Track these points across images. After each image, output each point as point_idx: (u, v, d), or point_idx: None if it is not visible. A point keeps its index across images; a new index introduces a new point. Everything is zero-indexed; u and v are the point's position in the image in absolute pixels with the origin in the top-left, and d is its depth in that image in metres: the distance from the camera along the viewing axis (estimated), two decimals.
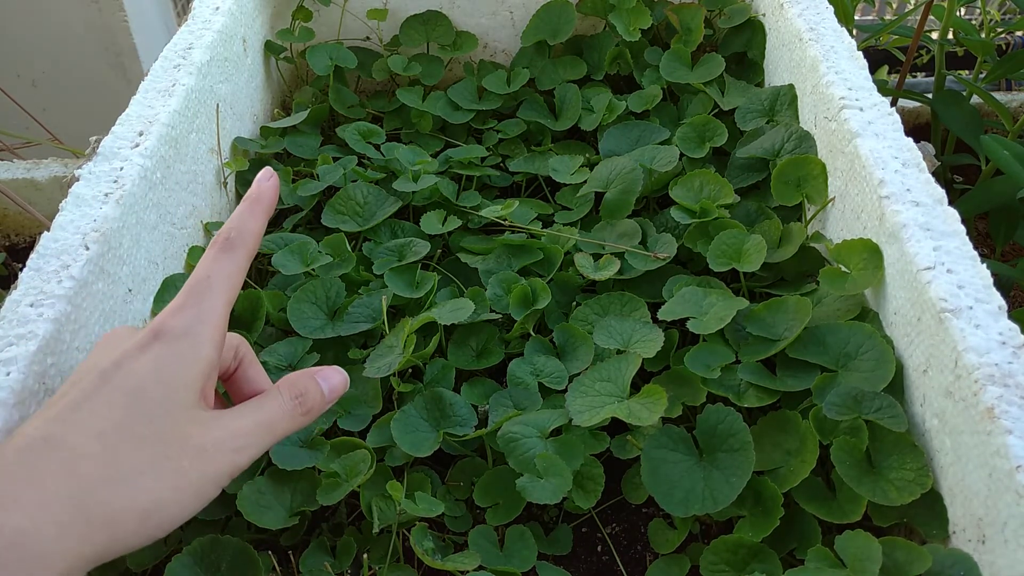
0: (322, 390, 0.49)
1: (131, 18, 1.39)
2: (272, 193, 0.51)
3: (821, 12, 0.78)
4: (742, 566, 0.49)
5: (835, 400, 0.52)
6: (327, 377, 0.50)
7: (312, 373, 0.49)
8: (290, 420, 0.47)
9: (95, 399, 0.41)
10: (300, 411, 0.47)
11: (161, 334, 0.44)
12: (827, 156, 0.68)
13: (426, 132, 0.88)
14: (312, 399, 0.48)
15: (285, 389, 0.48)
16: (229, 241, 0.47)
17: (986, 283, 0.51)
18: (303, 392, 0.48)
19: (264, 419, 0.46)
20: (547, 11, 0.93)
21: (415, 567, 0.52)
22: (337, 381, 0.50)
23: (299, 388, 0.48)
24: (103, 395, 0.41)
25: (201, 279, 0.46)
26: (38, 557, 0.36)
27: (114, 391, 0.42)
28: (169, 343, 0.44)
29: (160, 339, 0.44)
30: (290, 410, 0.47)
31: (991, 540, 0.44)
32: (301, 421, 0.48)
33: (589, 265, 0.66)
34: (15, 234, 0.99)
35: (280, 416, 0.46)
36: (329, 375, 0.50)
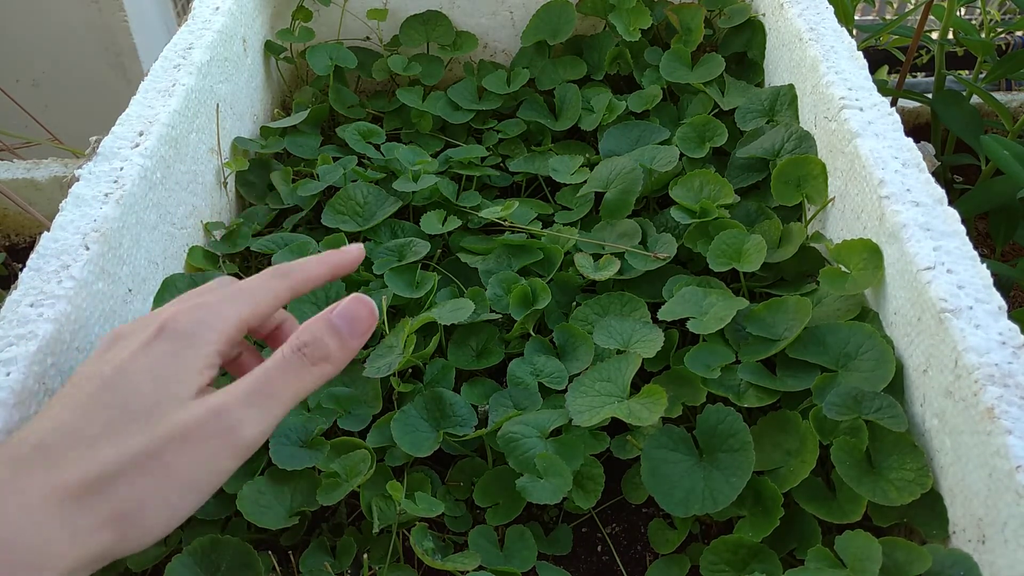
0: (338, 331, 0.42)
1: (131, 18, 1.39)
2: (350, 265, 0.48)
3: (821, 12, 0.78)
4: (742, 566, 0.49)
5: (835, 400, 0.52)
6: (343, 314, 0.42)
7: (324, 314, 0.42)
8: (296, 377, 0.40)
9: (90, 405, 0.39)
10: (307, 362, 0.41)
11: (166, 329, 0.41)
12: (827, 156, 0.68)
13: (426, 132, 0.88)
14: (323, 346, 0.41)
15: (288, 342, 0.41)
16: (284, 270, 0.45)
17: (986, 283, 0.51)
18: (310, 339, 0.41)
19: (259, 385, 0.40)
20: (547, 11, 0.93)
21: (415, 567, 0.52)
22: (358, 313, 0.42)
23: (304, 336, 0.41)
24: (100, 400, 0.39)
25: (235, 289, 0.44)
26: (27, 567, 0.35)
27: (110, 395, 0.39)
28: (171, 340, 0.41)
29: (163, 335, 0.41)
30: (292, 365, 0.41)
31: (991, 540, 0.44)
32: (313, 374, 0.41)
33: (589, 265, 0.66)
34: (15, 234, 0.99)
35: (280, 376, 0.40)
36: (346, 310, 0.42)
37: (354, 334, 0.42)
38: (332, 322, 0.42)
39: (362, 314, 0.42)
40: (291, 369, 0.40)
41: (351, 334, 0.42)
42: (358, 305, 0.42)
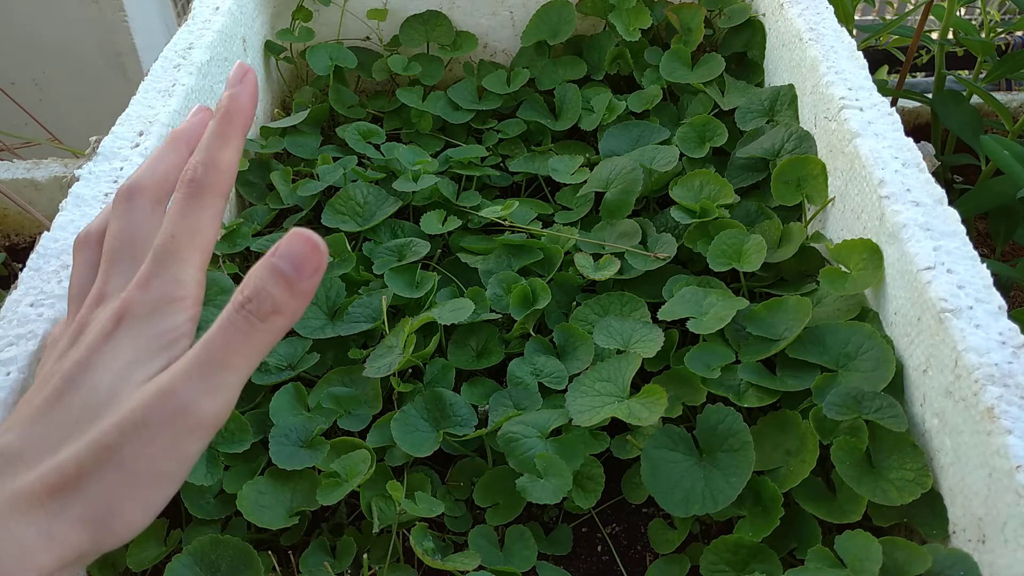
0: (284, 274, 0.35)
1: (131, 18, 1.39)
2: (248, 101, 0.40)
3: (821, 12, 0.78)
4: (742, 566, 0.49)
5: (835, 400, 0.52)
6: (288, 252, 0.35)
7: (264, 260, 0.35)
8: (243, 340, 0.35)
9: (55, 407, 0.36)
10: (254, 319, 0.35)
11: (125, 316, 0.37)
12: (827, 156, 0.68)
13: (426, 132, 0.88)
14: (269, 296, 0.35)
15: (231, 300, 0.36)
16: (195, 183, 0.38)
17: (986, 283, 0.51)
18: (251, 293, 0.35)
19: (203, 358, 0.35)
20: (547, 11, 0.93)
21: (415, 567, 0.52)
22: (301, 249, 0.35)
23: (246, 291, 0.35)
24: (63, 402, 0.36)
25: (166, 240, 0.38)
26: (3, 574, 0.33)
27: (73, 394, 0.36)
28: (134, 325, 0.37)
29: (123, 325, 0.37)
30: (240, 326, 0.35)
31: (991, 540, 0.44)
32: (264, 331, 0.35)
33: (589, 265, 0.66)
34: (15, 234, 0.99)
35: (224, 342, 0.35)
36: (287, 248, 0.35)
37: (303, 275, 0.35)
38: (276, 266, 0.35)
39: (306, 250, 0.35)
40: (237, 331, 0.35)
41: (299, 275, 0.35)
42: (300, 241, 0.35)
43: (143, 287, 0.38)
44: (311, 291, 0.35)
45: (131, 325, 0.37)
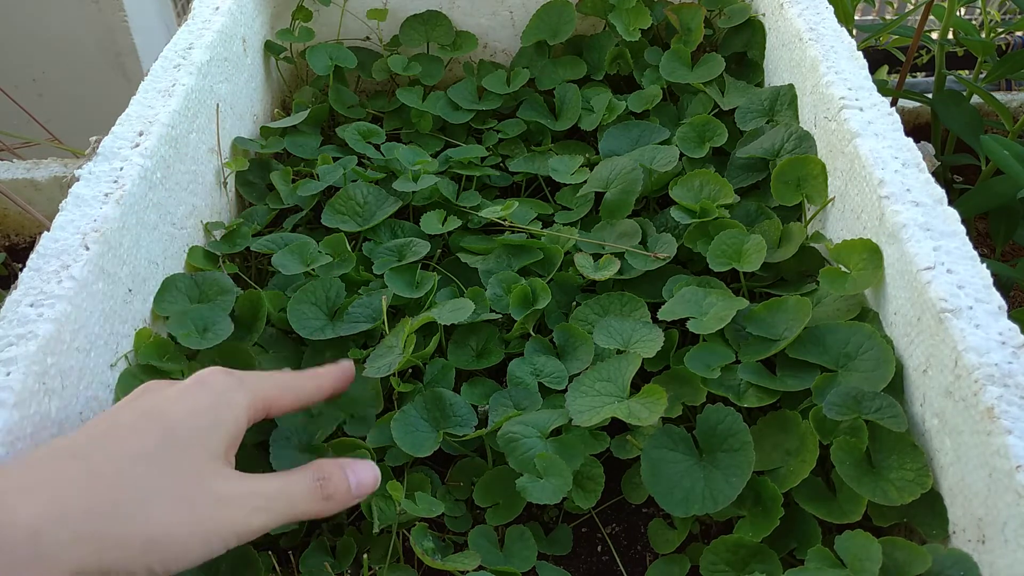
0: (348, 482, 0.48)
1: (131, 18, 1.39)
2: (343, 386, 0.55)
3: (821, 12, 0.78)
4: (742, 566, 0.49)
5: (835, 400, 0.52)
6: (357, 471, 0.49)
7: (341, 463, 0.49)
8: (310, 500, 0.46)
9: (129, 429, 0.43)
10: (321, 494, 0.47)
11: (205, 384, 0.47)
12: (827, 156, 0.68)
13: (426, 132, 0.88)
14: (335, 485, 0.48)
15: (311, 469, 0.48)
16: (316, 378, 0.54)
17: (986, 283, 0.51)
18: (327, 476, 0.47)
19: (287, 489, 0.46)
20: (547, 11, 0.93)
21: (415, 567, 0.52)
22: (367, 477, 0.49)
23: (324, 472, 0.48)
24: (137, 427, 0.43)
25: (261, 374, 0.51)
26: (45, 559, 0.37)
27: (149, 425, 0.44)
28: (208, 392, 0.46)
29: (201, 386, 0.46)
30: (312, 489, 0.46)
31: (991, 540, 0.44)
32: (322, 506, 0.47)
33: (589, 265, 0.66)
34: (15, 234, 0.99)
35: (302, 491, 0.46)
36: (359, 469, 0.49)
37: (359, 492, 0.49)
38: (347, 474, 0.48)
39: (369, 480, 0.49)
40: (311, 490, 0.47)
41: (356, 491, 0.49)
42: (370, 472, 0.50)
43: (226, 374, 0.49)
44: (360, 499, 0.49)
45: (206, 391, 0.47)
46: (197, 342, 0.59)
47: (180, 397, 0.46)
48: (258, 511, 0.44)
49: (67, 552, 0.38)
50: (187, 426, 0.44)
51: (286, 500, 0.45)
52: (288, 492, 0.46)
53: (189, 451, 0.43)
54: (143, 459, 0.42)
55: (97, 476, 0.40)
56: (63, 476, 0.40)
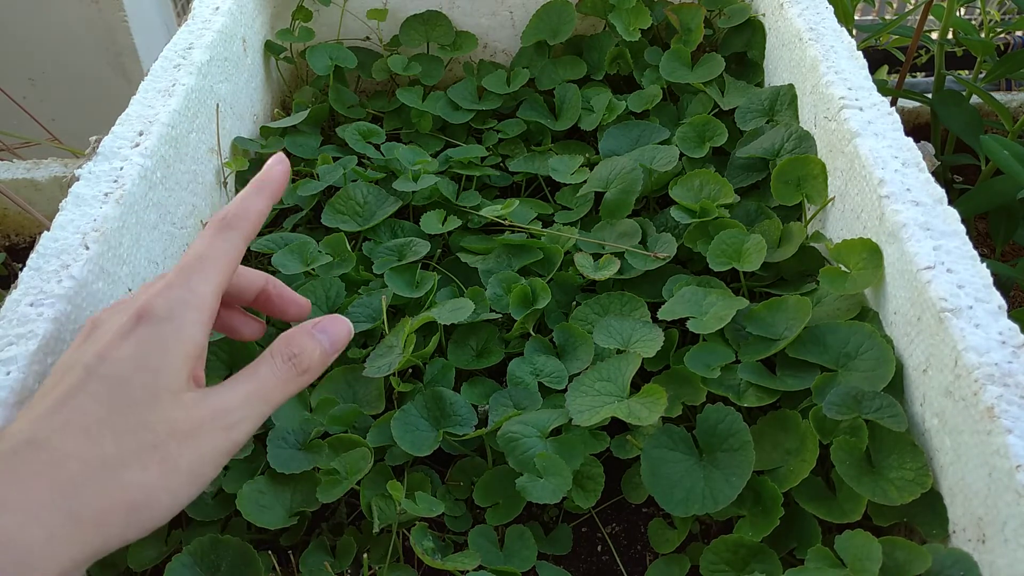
0: (321, 344, 0.46)
1: (131, 18, 1.39)
2: (281, 178, 0.49)
3: (821, 12, 0.78)
4: (742, 566, 0.49)
5: (835, 400, 0.52)
6: (326, 328, 0.46)
7: (308, 328, 0.46)
8: (285, 384, 0.44)
9: (78, 395, 0.40)
10: (295, 372, 0.44)
11: (144, 316, 0.42)
12: (827, 156, 0.68)
13: (426, 132, 0.88)
14: (309, 357, 0.45)
15: (277, 351, 0.44)
16: (226, 220, 0.45)
17: (986, 283, 0.51)
18: (298, 351, 0.45)
19: (255, 389, 0.43)
20: (547, 11, 0.93)
21: (415, 567, 0.52)
22: (338, 331, 0.47)
23: (293, 347, 0.45)
24: (87, 390, 0.40)
25: (193, 258, 0.44)
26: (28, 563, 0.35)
27: (97, 384, 0.40)
28: (152, 326, 0.41)
29: (143, 322, 0.41)
30: (284, 374, 0.44)
31: (991, 540, 0.44)
32: (299, 382, 0.45)
33: (589, 265, 0.66)
34: (15, 234, 0.99)
35: (273, 383, 0.43)
36: (328, 326, 0.46)
37: (333, 350, 0.46)
38: (316, 336, 0.46)
39: (342, 333, 0.47)
40: (283, 376, 0.44)
41: (332, 349, 0.46)
42: (340, 325, 0.47)
43: (164, 293, 0.42)
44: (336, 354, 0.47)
45: (149, 325, 0.41)
46: None
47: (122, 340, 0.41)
48: (237, 424, 0.41)
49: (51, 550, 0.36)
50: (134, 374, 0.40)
51: (260, 399, 0.43)
52: (260, 390, 0.43)
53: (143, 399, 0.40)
54: (100, 426, 0.39)
55: (61, 460, 0.38)
56: (23, 471, 0.37)
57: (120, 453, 0.38)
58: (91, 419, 0.39)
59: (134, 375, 0.40)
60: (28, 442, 0.38)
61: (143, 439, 0.39)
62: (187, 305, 0.42)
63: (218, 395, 0.42)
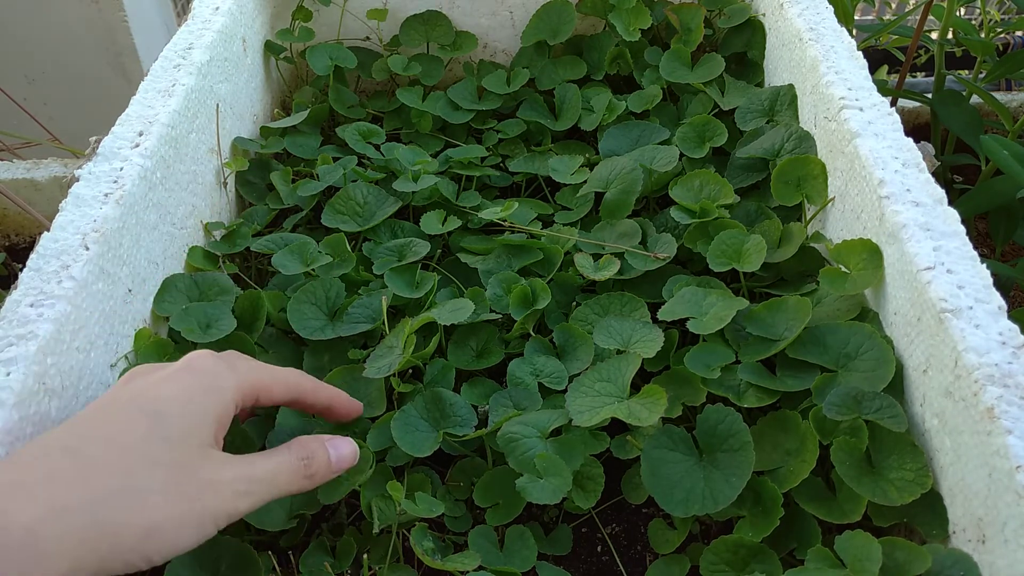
0: (330, 458, 0.50)
1: (131, 18, 1.39)
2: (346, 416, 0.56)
3: (821, 12, 0.78)
4: (742, 566, 0.49)
5: (835, 400, 0.52)
6: (337, 446, 0.50)
7: (323, 440, 0.50)
8: (293, 479, 0.47)
9: (118, 416, 0.43)
10: (305, 472, 0.48)
11: (191, 367, 0.47)
12: (827, 156, 0.68)
13: (426, 132, 0.88)
14: (318, 464, 0.49)
15: (295, 448, 0.49)
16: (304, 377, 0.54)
17: (986, 283, 0.51)
18: (311, 455, 0.49)
19: (271, 471, 0.46)
20: (547, 11, 0.93)
21: (415, 567, 0.52)
22: (346, 451, 0.51)
23: (307, 451, 0.49)
24: (126, 414, 0.43)
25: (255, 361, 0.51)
26: (43, 557, 0.37)
27: (137, 412, 0.43)
28: (197, 377, 0.46)
29: (189, 372, 0.47)
30: (296, 469, 0.48)
31: (991, 540, 0.44)
32: (304, 484, 0.48)
33: (589, 265, 0.66)
34: (15, 234, 0.99)
35: (286, 472, 0.47)
36: (339, 444, 0.51)
37: (339, 468, 0.50)
38: (329, 450, 0.50)
39: (348, 455, 0.51)
40: (295, 471, 0.48)
41: (337, 467, 0.50)
42: (349, 447, 0.51)
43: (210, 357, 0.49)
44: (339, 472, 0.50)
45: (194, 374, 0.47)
46: (200, 337, 0.60)
47: (168, 382, 0.46)
48: (245, 495, 0.45)
49: (64, 548, 0.38)
50: (176, 413, 0.44)
51: (271, 482, 0.46)
52: (273, 474, 0.46)
53: (179, 438, 0.43)
54: (133, 449, 0.42)
55: (89, 470, 0.40)
56: (55, 472, 0.40)
57: (149, 480, 0.41)
58: (128, 441, 0.42)
59: (172, 414, 0.44)
60: (64, 448, 0.41)
61: (171, 475, 0.42)
62: (229, 370, 0.48)
63: (241, 464, 0.46)
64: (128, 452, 0.42)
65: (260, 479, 0.46)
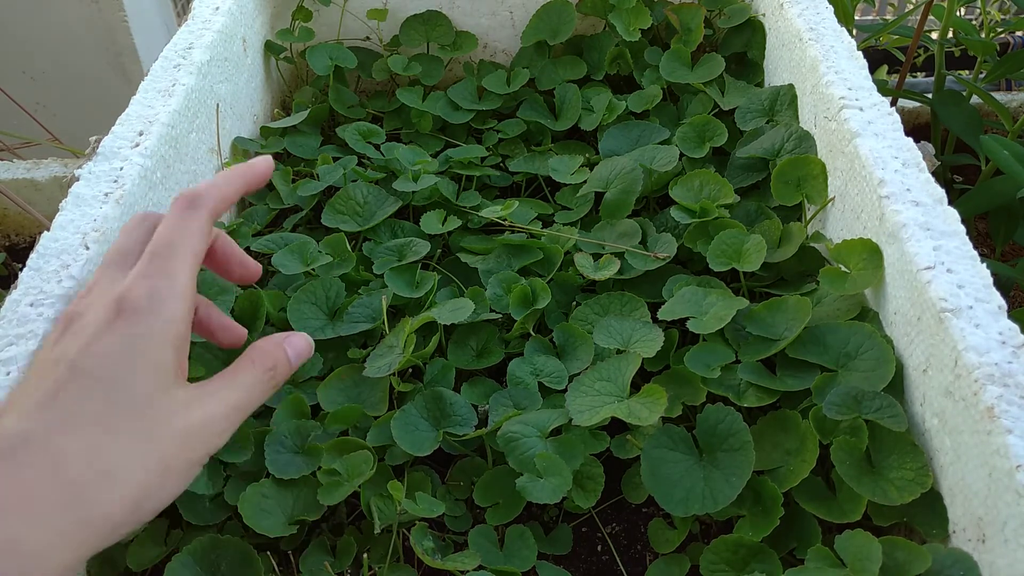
0: (289, 358, 0.48)
1: (131, 18, 1.39)
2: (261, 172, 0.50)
3: (821, 12, 0.78)
4: (742, 566, 0.49)
5: (835, 400, 0.52)
6: (294, 344, 0.49)
7: (280, 341, 0.48)
8: (262, 395, 0.46)
9: (70, 391, 0.39)
10: (272, 384, 0.47)
11: (124, 309, 0.41)
12: (827, 156, 0.68)
13: (426, 132, 0.88)
14: (281, 370, 0.47)
15: (258, 362, 0.46)
16: (191, 199, 0.45)
17: (986, 283, 0.51)
18: (275, 364, 0.47)
19: (239, 399, 0.44)
20: (547, 11, 0.93)
21: (415, 567, 0.52)
22: (303, 347, 0.49)
23: (271, 359, 0.47)
24: (77, 386, 0.39)
25: (164, 244, 0.44)
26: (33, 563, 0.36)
27: (88, 381, 0.39)
28: (135, 320, 0.41)
29: (124, 315, 0.41)
30: (264, 383, 0.46)
31: (991, 540, 0.44)
32: (270, 393, 0.47)
33: (589, 265, 0.66)
34: (15, 234, 0.99)
35: (255, 394, 0.45)
36: (296, 342, 0.49)
37: (296, 363, 0.49)
38: (287, 350, 0.48)
39: (305, 350, 0.50)
40: (263, 388, 0.46)
41: (295, 361, 0.49)
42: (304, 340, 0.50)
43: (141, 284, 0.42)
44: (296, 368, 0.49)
45: (131, 319, 0.41)
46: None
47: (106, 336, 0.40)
48: (219, 434, 0.43)
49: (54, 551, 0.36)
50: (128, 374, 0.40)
51: (242, 409, 0.45)
52: (243, 401, 0.45)
53: (139, 397, 0.40)
54: (97, 424, 0.39)
55: (62, 461, 0.38)
56: (29, 472, 0.37)
57: (120, 453, 0.39)
58: (87, 417, 0.39)
59: (124, 372, 0.40)
60: (25, 441, 0.38)
61: (142, 439, 0.40)
62: (168, 296, 0.42)
63: (210, 401, 0.43)
64: (89, 431, 0.38)
65: (231, 413, 0.44)
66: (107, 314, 0.41)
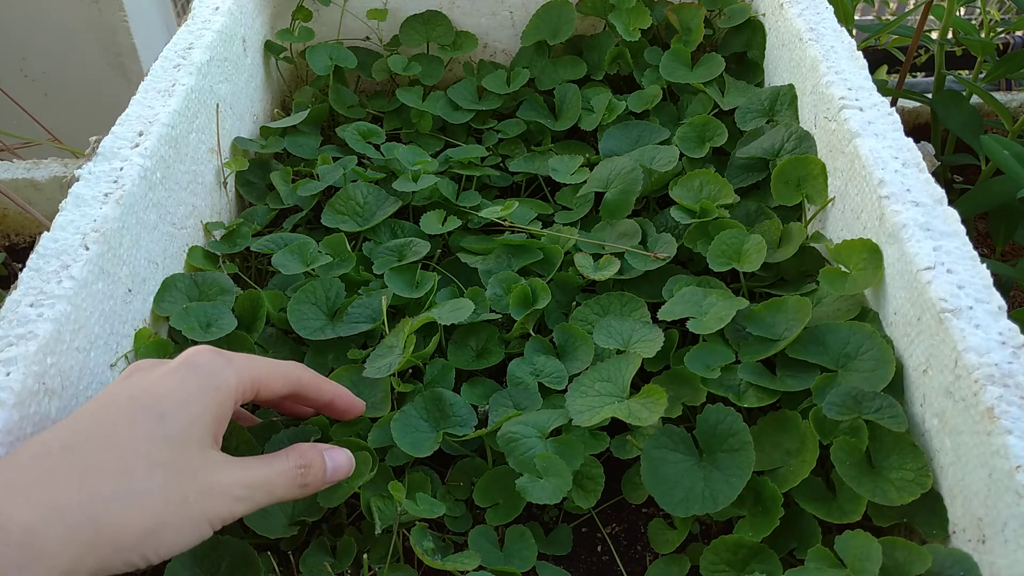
0: (326, 468, 0.49)
1: (131, 18, 1.39)
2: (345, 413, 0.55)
3: (821, 12, 0.78)
4: (742, 566, 0.49)
5: (835, 400, 0.52)
6: (334, 457, 0.50)
7: (321, 449, 0.50)
8: (288, 487, 0.47)
9: (117, 414, 0.43)
10: (300, 482, 0.48)
11: (190, 364, 0.46)
12: (827, 156, 0.68)
13: (426, 132, 0.88)
14: (314, 474, 0.49)
15: (293, 456, 0.48)
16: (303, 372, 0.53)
17: (986, 283, 0.51)
18: (308, 464, 0.48)
19: (268, 478, 0.46)
20: (547, 11, 0.93)
21: (415, 567, 0.52)
22: (343, 462, 0.51)
23: (305, 459, 0.49)
24: (126, 412, 0.43)
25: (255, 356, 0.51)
26: (43, 557, 0.37)
27: (138, 413, 0.43)
28: (196, 374, 0.46)
29: (188, 368, 0.46)
30: (292, 478, 0.48)
31: (991, 540, 0.44)
32: (298, 492, 0.48)
33: (589, 265, 0.66)
34: (15, 234, 0.99)
35: (282, 480, 0.47)
36: (336, 455, 0.50)
37: (333, 478, 0.50)
38: (325, 460, 0.50)
39: (344, 466, 0.51)
40: (291, 480, 0.48)
41: (332, 478, 0.50)
42: (346, 457, 0.51)
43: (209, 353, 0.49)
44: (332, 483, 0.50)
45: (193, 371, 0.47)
46: (200, 337, 0.60)
47: (167, 380, 0.46)
48: (242, 500, 0.45)
49: (63, 549, 0.38)
50: (176, 412, 0.44)
51: (267, 489, 0.46)
52: (270, 481, 0.47)
53: (178, 439, 0.43)
54: (133, 449, 0.42)
55: (89, 470, 0.40)
56: (55, 472, 0.40)
57: (149, 481, 0.41)
58: (127, 441, 0.42)
59: (171, 414, 0.44)
60: (62, 448, 0.41)
61: (170, 476, 0.42)
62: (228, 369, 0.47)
63: (239, 468, 0.46)
64: (127, 453, 0.42)
65: (257, 485, 0.46)
66: (175, 364, 0.47)
